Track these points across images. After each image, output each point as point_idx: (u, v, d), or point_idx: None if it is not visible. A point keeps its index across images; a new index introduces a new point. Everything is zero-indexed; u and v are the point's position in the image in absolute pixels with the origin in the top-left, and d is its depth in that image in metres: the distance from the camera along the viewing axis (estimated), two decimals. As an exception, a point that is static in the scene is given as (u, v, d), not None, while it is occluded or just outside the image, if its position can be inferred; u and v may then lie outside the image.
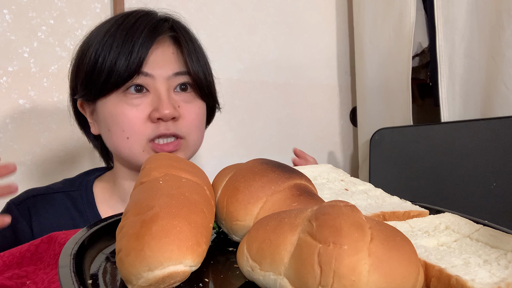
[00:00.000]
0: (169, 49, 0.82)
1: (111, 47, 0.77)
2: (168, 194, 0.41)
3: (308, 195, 0.46)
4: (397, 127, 1.42)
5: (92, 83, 0.79)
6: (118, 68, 0.76)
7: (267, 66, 1.55)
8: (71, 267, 0.38)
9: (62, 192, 0.88)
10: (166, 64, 0.80)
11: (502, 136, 1.13)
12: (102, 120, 0.81)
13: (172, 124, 0.79)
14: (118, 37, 0.77)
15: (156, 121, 0.78)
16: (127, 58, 0.76)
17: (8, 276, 0.52)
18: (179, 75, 0.82)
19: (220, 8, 1.45)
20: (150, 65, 0.79)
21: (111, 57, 0.77)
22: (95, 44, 0.79)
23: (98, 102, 0.81)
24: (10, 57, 1.10)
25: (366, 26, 1.58)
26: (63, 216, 0.85)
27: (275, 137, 1.58)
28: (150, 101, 0.79)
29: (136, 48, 0.76)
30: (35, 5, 1.13)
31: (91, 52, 0.79)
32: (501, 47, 1.20)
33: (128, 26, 0.79)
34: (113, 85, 0.77)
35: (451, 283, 0.35)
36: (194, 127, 0.83)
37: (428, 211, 0.54)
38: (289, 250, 0.35)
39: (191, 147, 0.85)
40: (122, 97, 0.79)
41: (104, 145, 0.88)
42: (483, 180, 1.15)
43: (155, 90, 0.79)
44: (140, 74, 0.78)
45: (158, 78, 0.79)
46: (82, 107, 0.86)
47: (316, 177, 0.63)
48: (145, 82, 0.79)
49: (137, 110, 0.78)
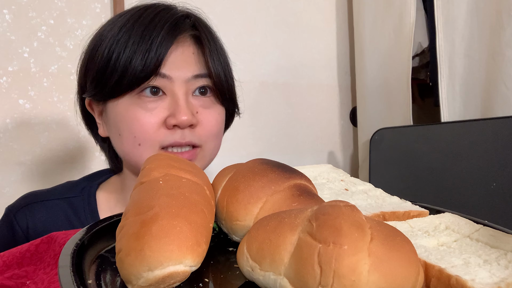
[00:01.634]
0: (190, 49, 0.75)
1: (127, 43, 0.70)
2: (168, 194, 0.41)
3: (308, 195, 0.46)
4: (397, 127, 1.42)
5: (103, 82, 0.72)
6: (133, 68, 0.69)
7: (267, 66, 1.55)
8: (71, 267, 0.38)
9: (62, 198, 0.83)
10: (186, 65, 0.73)
11: (502, 136, 1.13)
12: (113, 123, 0.75)
13: (189, 132, 0.73)
14: (135, 33, 0.71)
15: (171, 127, 0.71)
16: (144, 57, 0.69)
17: (8, 276, 0.52)
18: (199, 77, 0.74)
19: (220, 8, 1.45)
20: (169, 66, 0.72)
21: (126, 55, 0.70)
22: (109, 39, 0.72)
23: (109, 103, 0.74)
24: (10, 57, 1.10)
25: (366, 26, 1.58)
26: (62, 225, 0.80)
27: (275, 137, 1.58)
28: (166, 105, 0.72)
29: (154, 46, 0.70)
30: (35, 5, 1.13)
31: (104, 48, 0.72)
32: (501, 47, 1.21)
33: (146, 21, 0.72)
34: (127, 86, 0.71)
35: (451, 283, 0.35)
36: (212, 135, 0.77)
37: (428, 211, 0.54)
38: (289, 250, 0.35)
39: (208, 156, 0.78)
40: (136, 100, 0.72)
41: (112, 148, 0.81)
42: (483, 180, 1.15)
43: (172, 94, 0.72)
44: (157, 76, 0.71)
45: (176, 80, 0.72)
46: (90, 106, 0.79)
47: (316, 177, 0.63)
48: (162, 84, 0.72)
49: (152, 115, 0.72)
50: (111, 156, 0.85)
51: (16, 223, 0.80)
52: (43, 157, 1.14)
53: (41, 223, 0.80)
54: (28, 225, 0.80)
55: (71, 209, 0.82)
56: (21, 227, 0.80)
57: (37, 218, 0.81)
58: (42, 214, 0.81)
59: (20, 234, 0.80)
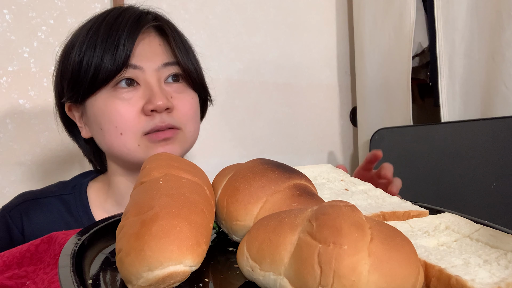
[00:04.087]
0: (156, 41, 0.80)
1: (95, 43, 0.75)
2: (168, 194, 0.41)
3: (308, 195, 0.46)
4: (397, 127, 1.42)
5: (79, 82, 0.76)
6: (105, 64, 0.74)
7: (267, 66, 1.55)
8: (71, 267, 0.38)
9: (55, 196, 0.85)
10: (154, 55, 0.79)
11: (502, 136, 1.13)
12: (93, 119, 0.78)
13: (167, 116, 0.77)
14: (102, 33, 0.76)
15: (150, 113, 0.76)
16: (113, 52, 0.74)
17: (8, 276, 0.52)
18: (169, 65, 0.80)
19: (220, 8, 1.45)
20: (138, 57, 0.77)
21: (97, 54, 0.75)
22: (79, 44, 0.77)
23: (87, 102, 0.78)
24: (10, 57, 1.10)
25: (366, 26, 1.58)
26: (56, 222, 0.82)
27: (275, 137, 1.58)
28: (141, 94, 0.77)
29: (121, 41, 0.75)
30: (35, 5, 1.13)
31: (75, 52, 0.77)
32: (501, 47, 1.21)
33: (111, 21, 0.77)
34: (101, 81, 0.75)
35: (451, 283, 0.35)
36: (189, 118, 0.81)
37: (428, 211, 0.54)
38: (289, 250, 0.35)
39: (189, 138, 0.82)
40: (112, 93, 0.76)
41: (97, 149, 0.85)
42: (483, 180, 1.16)
43: (145, 83, 0.77)
44: (128, 67, 0.76)
45: (147, 70, 0.77)
46: (70, 111, 0.83)
47: (316, 177, 0.63)
48: (134, 75, 0.77)
49: (129, 104, 0.76)
50: (96, 157, 0.89)
51: (11, 222, 0.82)
52: (43, 157, 1.14)
53: (36, 220, 0.82)
54: (23, 223, 0.82)
55: (64, 206, 0.84)
56: (16, 225, 0.82)
57: (31, 216, 0.82)
58: (36, 211, 0.83)
59: (16, 232, 0.81)
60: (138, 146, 0.77)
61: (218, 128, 1.44)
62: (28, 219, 0.82)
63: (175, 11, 0.89)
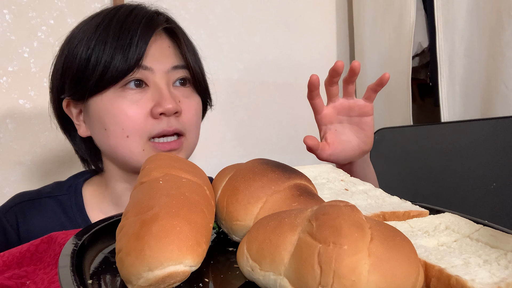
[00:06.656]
0: (165, 43, 0.79)
1: (106, 41, 0.73)
2: (168, 194, 0.41)
3: (308, 195, 0.46)
4: (397, 127, 1.42)
5: (85, 79, 0.74)
6: (115, 63, 0.72)
7: (267, 66, 1.55)
8: (71, 267, 0.38)
9: (50, 197, 0.84)
10: (164, 57, 0.78)
11: (502, 136, 1.13)
12: (96, 119, 0.76)
13: (174, 120, 0.76)
14: (113, 31, 0.74)
15: (158, 116, 0.74)
16: (125, 51, 0.73)
17: (8, 276, 0.51)
18: (178, 68, 0.79)
19: (220, 8, 1.45)
20: (149, 58, 0.75)
21: (107, 52, 0.73)
22: (87, 39, 0.75)
23: (91, 101, 0.76)
24: (10, 57, 1.10)
25: (366, 26, 1.58)
26: (52, 222, 0.81)
27: (275, 137, 1.58)
28: (150, 96, 0.76)
29: (134, 40, 0.73)
30: (35, 5, 1.13)
31: (81, 48, 0.75)
32: (501, 47, 1.20)
33: (122, 18, 0.75)
34: (110, 80, 0.73)
35: (451, 283, 0.35)
36: (194, 124, 0.81)
37: (428, 211, 0.54)
38: (289, 250, 0.35)
39: (191, 145, 0.82)
40: (120, 93, 0.74)
41: (93, 148, 0.83)
42: (483, 180, 1.15)
43: (154, 85, 0.76)
44: (140, 68, 0.74)
45: (157, 71, 0.76)
46: (68, 107, 0.81)
47: (316, 177, 0.63)
48: (144, 76, 0.76)
49: (138, 106, 0.74)
50: (91, 157, 0.86)
51: (6, 222, 0.81)
52: (43, 157, 1.14)
53: (31, 221, 0.81)
54: (19, 225, 0.81)
55: (59, 207, 0.83)
56: (12, 225, 0.81)
57: (27, 217, 0.82)
58: (32, 212, 0.82)
59: (11, 232, 0.81)
60: (142, 151, 0.75)
61: (218, 128, 1.44)
62: (24, 221, 0.81)
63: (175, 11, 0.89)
